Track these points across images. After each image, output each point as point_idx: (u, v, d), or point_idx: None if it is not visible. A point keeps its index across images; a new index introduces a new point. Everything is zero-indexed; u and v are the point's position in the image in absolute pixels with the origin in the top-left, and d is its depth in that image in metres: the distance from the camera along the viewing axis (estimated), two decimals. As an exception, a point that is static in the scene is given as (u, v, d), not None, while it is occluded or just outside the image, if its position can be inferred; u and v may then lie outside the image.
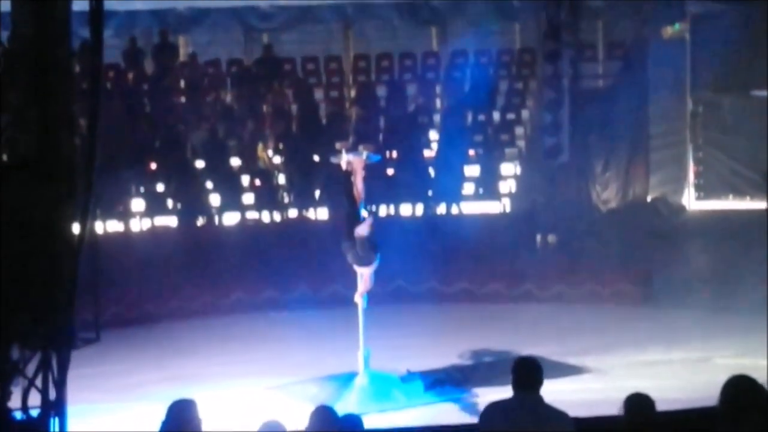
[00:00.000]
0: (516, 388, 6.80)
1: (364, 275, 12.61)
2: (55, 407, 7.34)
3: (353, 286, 12.77)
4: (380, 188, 17.88)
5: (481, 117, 21.28)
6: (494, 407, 6.88)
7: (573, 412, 7.19)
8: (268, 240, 18.33)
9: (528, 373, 6.84)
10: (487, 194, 19.95)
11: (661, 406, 6.71)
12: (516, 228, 19.06)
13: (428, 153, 20.51)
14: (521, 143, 21.15)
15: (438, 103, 22.26)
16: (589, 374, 13.29)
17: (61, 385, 7.34)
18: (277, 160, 20.17)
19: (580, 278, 18.11)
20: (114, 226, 18.39)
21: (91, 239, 7.50)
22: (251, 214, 19.22)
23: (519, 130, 21.41)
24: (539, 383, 6.83)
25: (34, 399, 7.32)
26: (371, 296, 12.72)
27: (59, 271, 7.28)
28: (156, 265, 17.30)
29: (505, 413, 6.80)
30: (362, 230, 12.38)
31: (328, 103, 22.05)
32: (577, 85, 19.38)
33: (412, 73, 22.53)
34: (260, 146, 19.88)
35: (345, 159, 12.80)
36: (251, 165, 19.80)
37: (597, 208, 19.55)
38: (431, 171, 19.81)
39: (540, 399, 6.79)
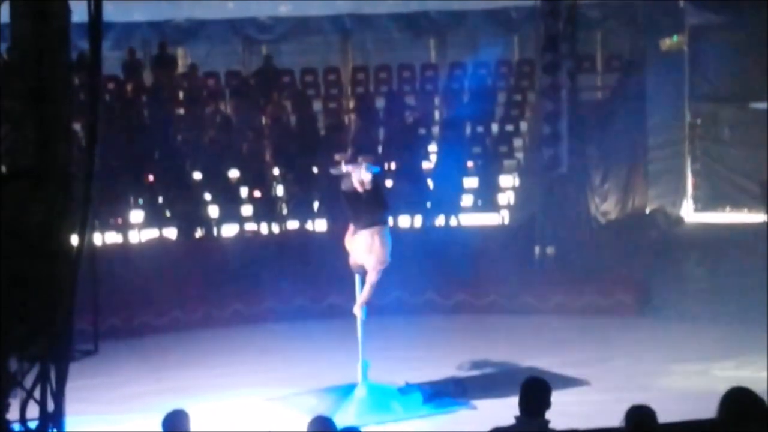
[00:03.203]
0: (522, 410, 6.77)
1: (378, 257, 12.43)
2: (54, 419, 7.33)
3: (352, 298, 12.76)
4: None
5: (480, 129, 21.31)
6: None
7: (572, 424, 7.19)
8: (266, 251, 18.30)
9: (535, 396, 6.79)
10: (486, 206, 19.95)
11: (660, 418, 6.70)
12: (514, 240, 19.05)
13: (427, 165, 20.52)
14: (520, 155, 21.17)
15: (436, 114, 22.29)
16: (587, 386, 13.27)
17: (59, 397, 7.33)
18: (276, 171, 20.20)
19: (578, 290, 18.09)
20: (112, 237, 18.39)
21: (89, 250, 7.50)
22: (250, 226, 19.21)
23: (517, 142, 21.44)
24: (546, 406, 6.79)
25: (33, 411, 7.31)
26: (369, 308, 12.70)
27: (57, 282, 7.28)
28: (154, 276, 17.28)
29: None
30: (364, 174, 12.34)
31: (327, 114, 22.08)
32: (576, 97, 19.38)
33: (410, 85, 22.57)
34: None
35: (355, 176, 12.61)
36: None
37: (596, 220, 19.55)
38: (430, 183, 19.81)
39: (545, 424, 6.75)
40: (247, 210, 19.33)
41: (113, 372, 14.02)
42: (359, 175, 12.42)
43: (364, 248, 12.36)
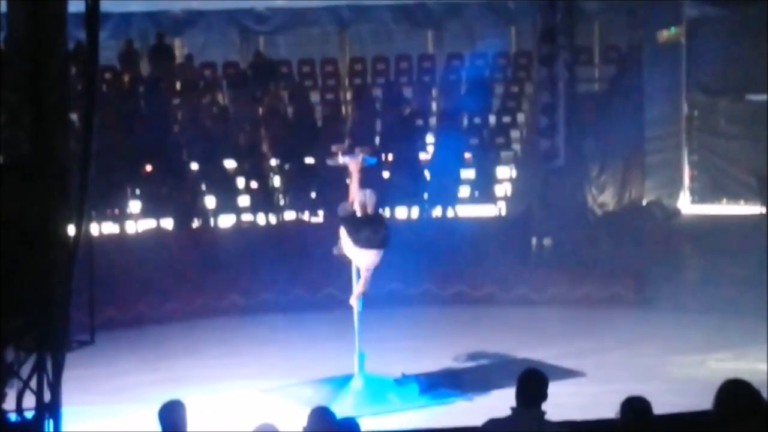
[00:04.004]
0: (518, 401, 6.78)
1: (367, 264, 12.45)
2: (50, 409, 7.32)
3: (348, 289, 12.77)
4: (376, 191, 17.82)
5: (477, 120, 21.30)
6: (494, 424, 6.85)
7: (568, 415, 7.20)
8: (263, 242, 18.31)
9: (531, 388, 6.79)
10: (483, 197, 19.96)
11: (655, 410, 6.71)
12: (511, 231, 19.06)
13: (424, 156, 20.52)
14: (517, 146, 21.17)
15: (434, 105, 22.28)
16: (584, 377, 13.29)
17: (55, 387, 7.31)
18: (273, 162, 20.20)
19: (575, 281, 18.11)
20: (109, 228, 18.38)
21: (86, 241, 7.48)
22: (246, 217, 19.21)
23: (515, 134, 21.44)
24: (542, 398, 6.80)
25: (29, 401, 7.31)
26: (366, 299, 12.71)
27: (54, 272, 7.27)
28: (151, 267, 17.29)
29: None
30: (369, 198, 12.26)
31: (324, 105, 22.07)
32: (573, 89, 19.38)
33: (407, 76, 22.56)
34: None
35: (359, 199, 12.43)
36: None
37: (592, 212, 19.55)
38: (427, 174, 19.82)
39: (541, 415, 6.75)
40: (244, 201, 19.33)
41: (110, 362, 14.01)
42: (363, 198, 12.33)
43: (357, 256, 12.38)
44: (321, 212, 19.07)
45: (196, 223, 18.76)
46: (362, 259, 12.41)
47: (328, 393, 12.34)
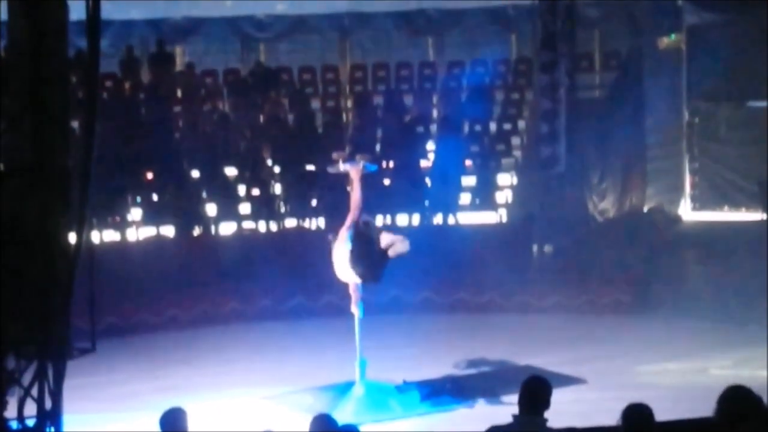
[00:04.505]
0: (521, 408, 6.77)
1: (349, 282, 12.45)
2: (51, 417, 7.32)
3: (349, 296, 12.76)
4: (377, 198, 17.87)
5: (478, 127, 21.31)
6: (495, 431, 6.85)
7: (569, 422, 7.19)
8: (264, 250, 18.28)
9: (535, 395, 6.78)
10: (484, 204, 19.95)
11: (657, 417, 6.70)
12: (512, 238, 19.05)
13: (425, 163, 20.53)
14: (518, 153, 21.18)
15: (434, 113, 22.28)
16: (585, 384, 13.27)
17: (57, 395, 7.32)
18: (276, 170, 20.20)
19: (576, 288, 18.10)
20: (110, 235, 18.38)
21: (87, 248, 7.49)
22: (248, 224, 19.20)
23: (515, 140, 21.45)
24: (545, 405, 6.79)
25: (30, 409, 7.31)
26: (367, 306, 12.69)
27: (55, 280, 7.27)
28: (152, 274, 17.30)
29: None
30: (401, 247, 12.15)
31: (325, 112, 22.07)
32: (574, 95, 19.39)
33: (408, 83, 22.58)
34: None
35: (388, 238, 12.25)
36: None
37: (593, 218, 19.55)
38: (428, 181, 19.82)
39: (543, 422, 6.75)
40: (245, 208, 19.32)
41: (111, 370, 14.01)
42: (395, 241, 12.15)
43: (345, 272, 12.33)
44: (322, 219, 19.05)
45: (197, 231, 18.76)
46: (348, 277, 12.36)
47: (329, 400, 12.32)
